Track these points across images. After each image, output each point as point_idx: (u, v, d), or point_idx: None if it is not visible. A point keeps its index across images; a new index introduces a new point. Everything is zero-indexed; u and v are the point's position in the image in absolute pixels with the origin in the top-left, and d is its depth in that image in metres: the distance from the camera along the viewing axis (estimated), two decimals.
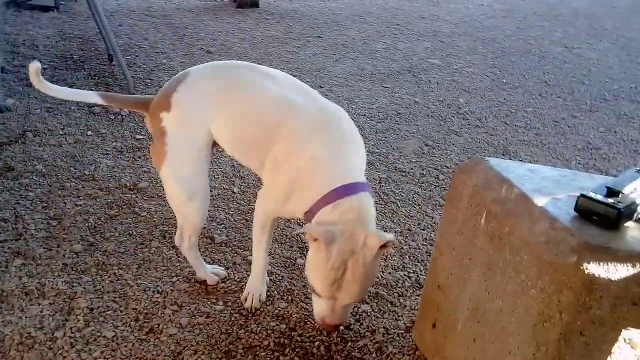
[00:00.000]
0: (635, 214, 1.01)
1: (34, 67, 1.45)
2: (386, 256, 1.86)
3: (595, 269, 0.93)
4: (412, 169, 2.47)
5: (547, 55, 4.57)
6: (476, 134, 2.91)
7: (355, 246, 1.19)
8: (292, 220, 1.98)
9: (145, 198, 1.98)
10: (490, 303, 1.15)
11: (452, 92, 3.51)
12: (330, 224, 1.22)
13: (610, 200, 0.99)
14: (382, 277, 1.75)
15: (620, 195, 1.00)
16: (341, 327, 1.52)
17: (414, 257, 1.87)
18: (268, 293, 1.60)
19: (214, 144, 1.45)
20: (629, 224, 1.02)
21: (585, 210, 1.01)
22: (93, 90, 2.74)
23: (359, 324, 1.55)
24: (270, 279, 1.66)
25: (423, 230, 2.03)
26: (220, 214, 1.95)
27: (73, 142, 2.26)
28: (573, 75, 4.07)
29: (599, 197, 1.00)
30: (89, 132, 2.35)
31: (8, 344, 1.32)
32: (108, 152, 2.23)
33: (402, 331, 1.54)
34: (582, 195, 1.02)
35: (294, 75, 3.40)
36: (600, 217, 0.99)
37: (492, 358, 1.14)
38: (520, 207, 1.10)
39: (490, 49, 4.59)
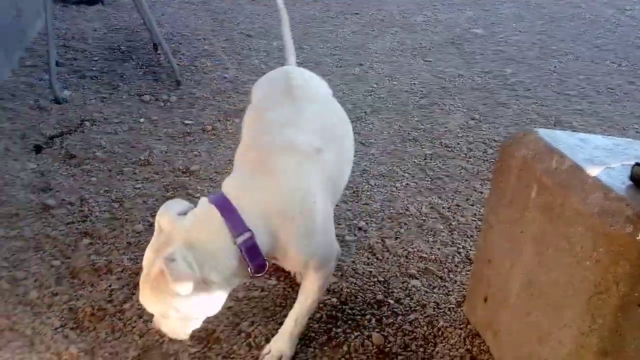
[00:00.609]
0: None
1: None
2: (434, 232, 1.86)
3: None
4: (458, 143, 2.44)
5: (598, 18, 4.32)
6: (525, 105, 2.83)
7: (160, 249, 1.06)
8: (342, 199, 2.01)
9: (197, 180, 2.06)
10: (544, 276, 1.14)
11: (498, 62, 3.40)
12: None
13: None
14: (431, 252, 1.76)
15: None
16: (391, 301, 1.55)
17: (463, 232, 1.87)
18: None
19: None
20: None
21: None
22: (142, 79, 2.86)
23: (409, 298, 1.57)
24: None
25: (472, 205, 2.01)
26: None
27: (127, 129, 2.37)
28: (627, 39, 3.85)
29: None
30: (142, 120, 2.45)
31: (81, 316, 1.43)
32: (160, 138, 2.33)
33: (453, 306, 1.55)
34: (637, 164, 0.99)
35: (334, 55, 3.40)
36: None
37: (547, 331, 1.14)
38: (572, 178, 1.08)
39: (537, 14, 4.39)
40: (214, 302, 1.12)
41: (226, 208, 1.09)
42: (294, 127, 1.24)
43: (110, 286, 1.52)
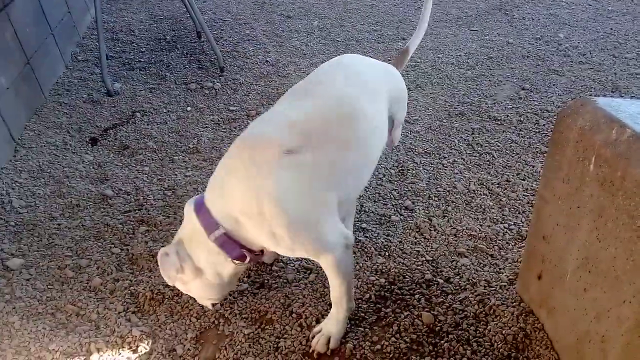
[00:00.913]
0: None
1: None
2: (484, 209, 1.82)
3: None
4: (507, 116, 2.34)
5: None
6: (580, 71, 2.67)
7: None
8: (384, 178, 1.99)
9: None
10: (603, 251, 1.09)
11: (550, 27, 3.22)
12: None
13: None
14: (480, 230, 1.72)
15: None
16: (440, 280, 1.54)
17: (514, 208, 1.81)
18: (365, 249, 1.65)
19: None
20: None
21: None
22: (187, 68, 2.91)
23: (458, 277, 1.55)
24: (366, 236, 1.70)
25: (523, 180, 1.94)
26: None
27: (176, 118, 2.43)
28: None
29: None
30: (189, 108, 2.52)
31: (142, 300, 1.50)
32: (207, 125, 2.38)
33: (505, 283, 1.52)
34: None
35: (375, 31, 3.33)
36: None
37: (605, 307, 1.09)
38: (634, 149, 1.02)
39: None
40: (214, 287, 1.30)
41: (199, 208, 1.22)
42: (276, 124, 1.22)
43: None
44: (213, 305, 1.43)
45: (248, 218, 1.16)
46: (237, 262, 1.24)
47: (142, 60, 2.99)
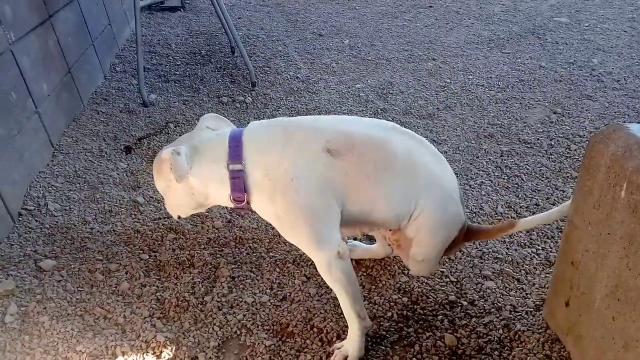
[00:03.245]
0: None
1: None
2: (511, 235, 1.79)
3: None
4: (538, 139, 2.32)
5: None
6: (614, 97, 2.63)
7: (182, 141, 1.34)
8: None
9: None
10: (633, 280, 1.07)
11: (584, 52, 3.19)
12: None
13: None
14: (507, 253, 1.70)
15: None
16: (464, 302, 1.52)
17: (542, 233, 1.78)
18: (388, 267, 1.65)
19: None
20: None
21: None
22: (220, 82, 2.98)
23: (483, 300, 1.53)
24: (391, 257, 1.70)
25: (553, 205, 1.91)
26: None
27: None
28: None
29: None
30: None
31: (167, 306, 1.53)
32: None
33: (531, 309, 1.49)
34: None
35: (405, 50, 3.36)
36: None
37: (634, 337, 1.07)
38: None
39: (628, 0, 4.06)
40: (191, 204, 1.34)
41: (235, 137, 1.27)
42: (331, 126, 1.29)
43: (192, 279, 1.62)
44: (179, 217, 1.45)
45: (267, 180, 1.23)
46: (233, 201, 1.27)
47: (177, 73, 3.09)
